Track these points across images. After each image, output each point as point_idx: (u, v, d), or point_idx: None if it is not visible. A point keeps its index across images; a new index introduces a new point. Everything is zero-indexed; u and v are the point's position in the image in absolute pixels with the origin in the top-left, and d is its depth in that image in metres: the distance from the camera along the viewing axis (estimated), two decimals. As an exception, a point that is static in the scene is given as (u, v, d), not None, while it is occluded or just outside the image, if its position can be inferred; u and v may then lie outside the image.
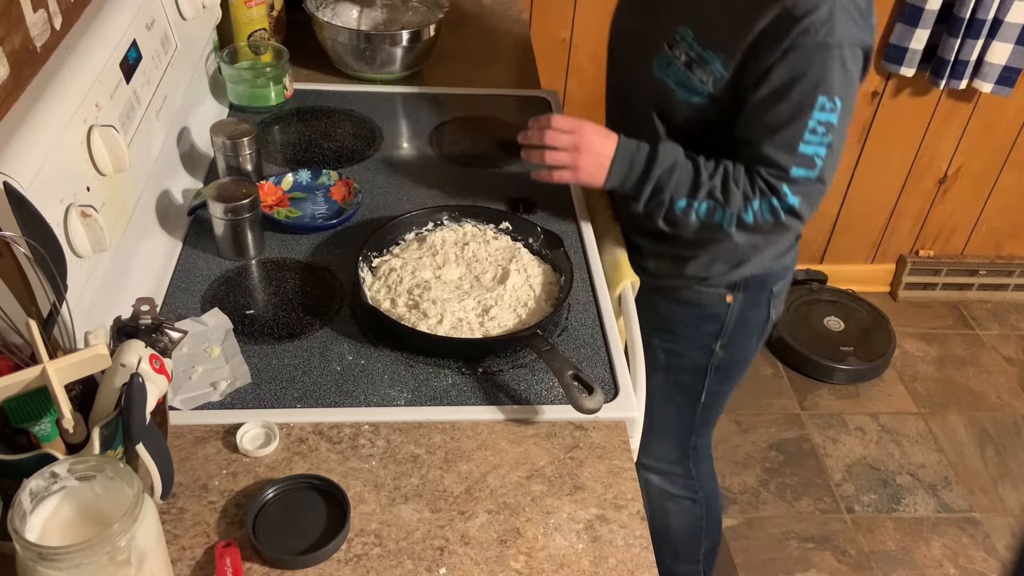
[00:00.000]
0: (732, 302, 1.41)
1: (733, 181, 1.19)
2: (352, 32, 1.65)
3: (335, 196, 1.38)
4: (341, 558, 0.89)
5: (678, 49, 1.22)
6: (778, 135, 1.16)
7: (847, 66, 1.13)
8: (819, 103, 1.13)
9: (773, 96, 1.14)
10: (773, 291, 1.44)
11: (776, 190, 1.18)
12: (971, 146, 2.65)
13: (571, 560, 0.91)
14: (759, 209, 1.19)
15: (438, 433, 1.03)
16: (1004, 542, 2.20)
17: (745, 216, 1.19)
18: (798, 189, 1.17)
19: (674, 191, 1.20)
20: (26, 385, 0.76)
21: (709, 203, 1.20)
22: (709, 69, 1.19)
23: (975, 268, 2.91)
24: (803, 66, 1.12)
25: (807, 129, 1.14)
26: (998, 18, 2.29)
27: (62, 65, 1.02)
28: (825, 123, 1.14)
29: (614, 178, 1.22)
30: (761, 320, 1.46)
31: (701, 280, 1.40)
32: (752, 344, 1.50)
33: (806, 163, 1.16)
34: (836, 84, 1.13)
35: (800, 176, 1.17)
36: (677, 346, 1.47)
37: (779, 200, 1.18)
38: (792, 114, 1.14)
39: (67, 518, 0.73)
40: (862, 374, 2.61)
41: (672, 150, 1.21)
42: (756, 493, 2.27)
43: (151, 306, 0.87)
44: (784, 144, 1.16)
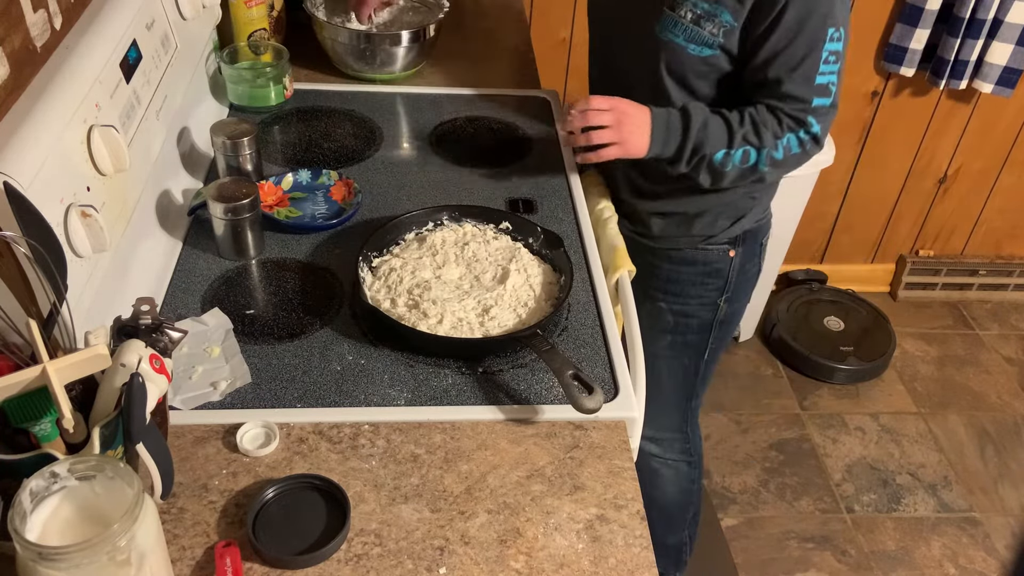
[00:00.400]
0: (734, 256, 1.49)
1: (761, 124, 1.27)
2: (352, 32, 1.65)
3: (335, 196, 1.38)
4: (341, 558, 0.89)
5: (682, 9, 1.26)
6: (797, 70, 1.24)
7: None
8: (829, 34, 1.22)
9: (788, 35, 1.22)
10: (763, 243, 1.54)
11: (802, 122, 1.27)
12: (971, 146, 2.65)
13: (571, 560, 0.91)
14: (788, 144, 1.28)
15: (438, 433, 1.03)
16: (1004, 542, 2.20)
17: (776, 153, 1.28)
18: (819, 118, 1.27)
19: (712, 145, 1.27)
20: (26, 385, 0.76)
21: (744, 148, 1.28)
22: (719, 21, 1.25)
23: (975, 268, 2.91)
24: (812, 3, 1.21)
25: (821, 60, 1.23)
26: (998, 18, 2.29)
27: (62, 65, 1.02)
28: (834, 52, 1.24)
29: (656, 145, 1.29)
30: (755, 272, 1.56)
31: (707, 238, 1.47)
32: (747, 296, 1.59)
33: (823, 92, 1.26)
34: (838, 13, 1.23)
35: (819, 105, 1.26)
36: (686, 306, 1.53)
37: (805, 131, 1.27)
38: (807, 49, 1.23)
39: (67, 518, 0.73)
40: (862, 374, 2.61)
41: (699, 108, 1.28)
42: (756, 493, 2.27)
43: (151, 306, 0.87)
44: (803, 78, 1.24)
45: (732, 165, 1.29)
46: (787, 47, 1.23)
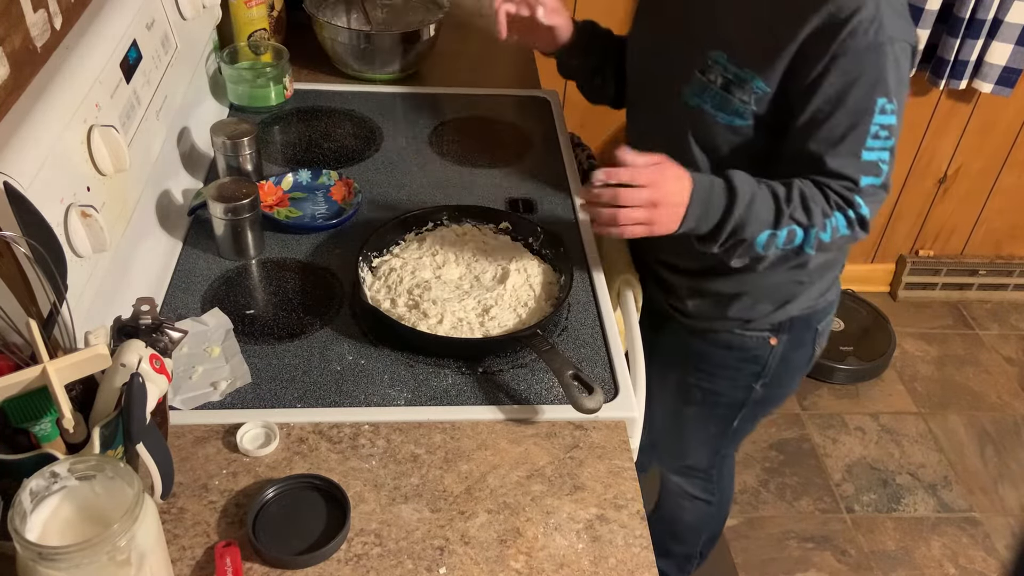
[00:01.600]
0: (776, 344, 1.35)
1: (811, 200, 1.10)
2: (352, 32, 1.65)
3: (335, 196, 1.38)
4: (341, 558, 0.89)
5: (712, 73, 1.16)
6: (841, 145, 1.09)
7: (900, 63, 1.08)
8: (878, 106, 1.07)
9: (829, 105, 1.08)
10: (818, 329, 1.38)
11: (850, 202, 1.11)
12: (971, 146, 2.65)
13: (571, 560, 0.91)
14: (836, 224, 1.11)
15: (438, 433, 1.03)
16: (1004, 542, 2.20)
17: (824, 234, 1.11)
18: (868, 199, 1.11)
19: (755, 226, 1.10)
20: (26, 385, 0.76)
21: (790, 228, 1.11)
22: (750, 87, 1.13)
23: (975, 268, 2.91)
24: (857, 69, 1.06)
25: (869, 135, 1.08)
26: (998, 18, 2.29)
27: (62, 65, 1.02)
28: (886, 126, 1.09)
29: (689, 223, 1.10)
30: (805, 359, 1.41)
31: (744, 323, 1.33)
32: (795, 381, 1.45)
33: (872, 170, 1.10)
34: (892, 84, 1.07)
35: (868, 184, 1.11)
36: (715, 385, 1.42)
37: (853, 211, 1.11)
38: (852, 121, 1.08)
39: (67, 518, 0.73)
40: (862, 374, 2.61)
41: (746, 181, 1.10)
42: (756, 493, 2.27)
43: (151, 306, 0.87)
44: (848, 153, 1.09)
45: (774, 248, 1.12)
46: (828, 118, 1.09)
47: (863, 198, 1.11)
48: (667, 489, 1.66)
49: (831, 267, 1.34)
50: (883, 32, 1.05)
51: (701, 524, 1.72)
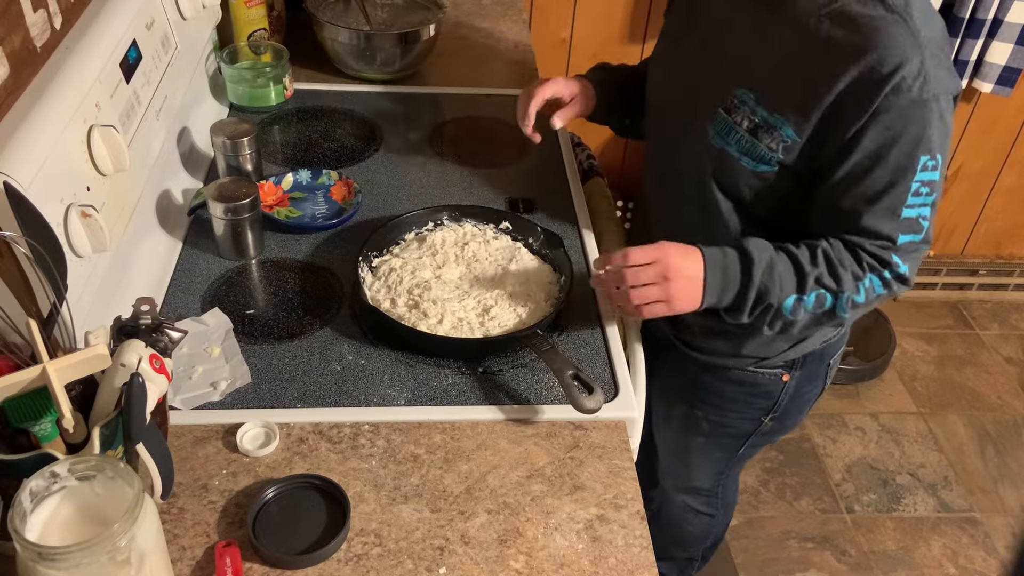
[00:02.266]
0: (789, 380, 1.32)
1: (839, 264, 1.05)
2: (352, 32, 1.65)
3: (335, 196, 1.38)
4: (341, 558, 0.89)
5: (738, 114, 1.10)
6: (879, 203, 1.04)
7: (944, 118, 1.02)
8: (920, 163, 1.01)
9: (868, 162, 1.02)
10: (831, 363, 1.35)
11: (887, 262, 1.06)
12: (971, 146, 2.65)
13: (571, 560, 0.91)
14: (870, 286, 1.06)
15: (438, 433, 1.03)
16: (1004, 542, 2.20)
17: (857, 297, 1.06)
18: (907, 256, 1.06)
19: (779, 292, 1.05)
20: (26, 385, 0.76)
21: (818, 293, 1.06)
22: (779, 135, 1.07)
23: (975, 268, 2.91)
24: (899, 126, 1.00)
25: (910, 192, 1.02)
26: (998, 18, 2.29)
27: (62, 65, 1.02)
28: (927, 183, 1.03)
29: (711, 296, 1.07)
30: (816, 392, 1.39)
31: (759, 360, 1.29)
32: (804, 413, 1.43)
33: (912, 228, 1.05)
34: (935, 139, 1.01)
35: (906, 242, 1.05)
36: (724, 419, 1.40)
37: (890, 271, 1.06)
38: (892, 179, 1.02)
39: (67, 518, 0.73)
40: (862, 374, 2.61)
41: (761, 247, 1.07)
42: (756, 493, 2.27)
43: (151, 306, 0.87)
44: (887, 211, 1.04)
45: (804, 312, 1.07)
46: (866, 175, 1.03)
47: (901, 256, 1.06)
48: (671, 502, 1.65)
49: None
50: (928, 88, 0.99)
51: (704, 534, 1.72)
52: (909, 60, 0.98)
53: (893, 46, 0.99)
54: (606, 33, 2.33)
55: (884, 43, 0.99)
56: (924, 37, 1.00)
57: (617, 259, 1.06)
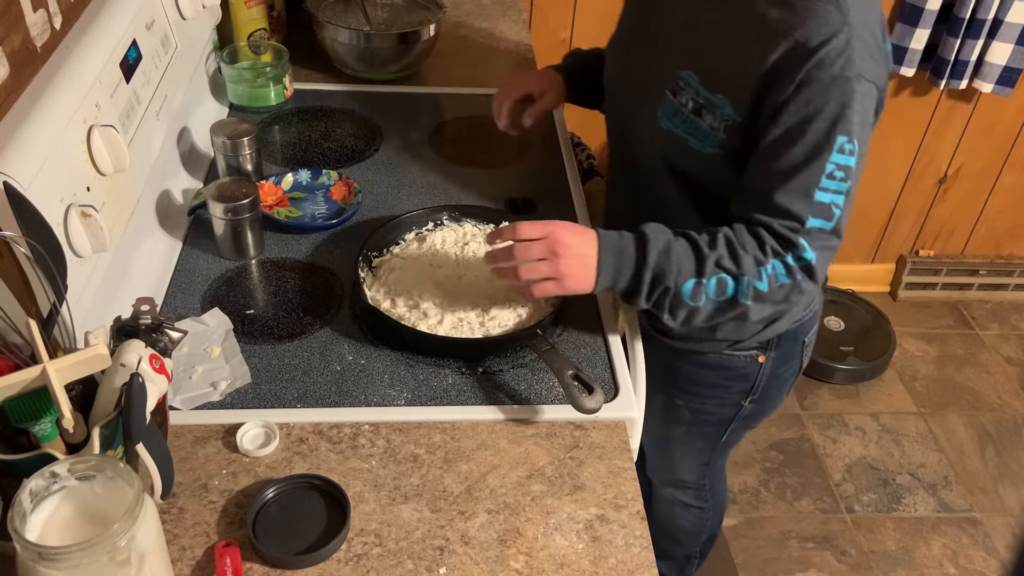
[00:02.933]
0: (764, 361, 1.32)
1: (740, 246, 1.04)
2: (352, 32, 1.65)
3: (335, 196, 1.38)
4: (341, 558, 0.89)
5: (684, 96, 1.11)
6: (792, 181, 1.02)
7: (865, 105, 1.02)
8: (837, 144, 1.00)
9: (786, 137, 1.02)
10: (805, 341, 1.35)
11: (792, 244, 1.03)
12: (971, 146, 2.65)
13: (571, 560, 0.91)
14: (773, 273, 1.03)
15: (438, 433, 1.03)
16: (1004, 542, 2.20)
17: (759, 283, 1.03)
18: (815, 243, 1.03)
19: (677, 274, 1.03)
20: (26, 385, 0.76)
21: (719, 277, 1.03)
22: (719, 113, 1.08)
23: (975, 268, 2.91)
24: (819, 101, 1.00)
25: (824, 173, 1.01)
26: (998, 18, 2.29)
27: (62, 65, 1.02)
28: (843, 167, 1.01)
29: (605, 277, 1.04)
30: (793, 372, 1.39)
31: (733, 343, 1.29)
32: (782, 394, 1.43)
33: (823, 213, 1.02)
34: (855, 122, 1.01)
35: (816, 227, 1.03)
36: (703, 405, 1.40)
37: (795, 256, 1.03)
38: (807, 156, 1.01)
39: (67, 518, 0.73)
40: (862, 374, 2.61)
41: (659, 230, 1.05)
42: (756, 493, 2.27)
43: (151, 306, 0.87)
44: (799, 191, 1.02)
45: (706, 298, 1.03)
46: (784, 151, 1.02)
47: (809, 241, 1.03)
48: (659, 497, 1.66)
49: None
50: (851, 67, 1.00)
51: (697, 528, 1.72)
52: (836, 35, 0.99)
53: (821, 22, 1.00)
54: (606, 33, 2.32)
55: (813, 19, 1.00)
56: (853, 17, 1.00)
57: (507, 233, 1.05)
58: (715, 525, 1.77)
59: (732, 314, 1.06)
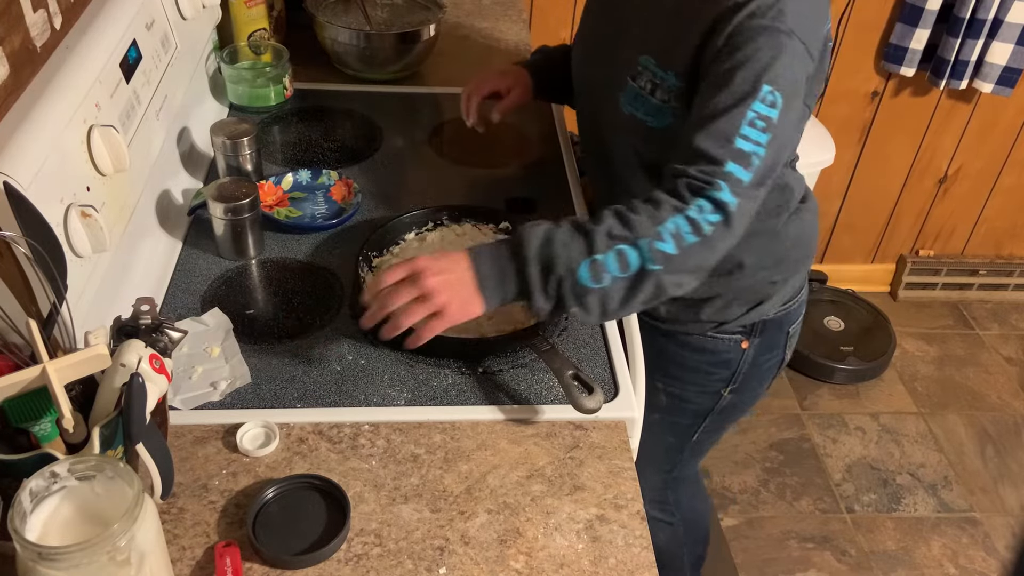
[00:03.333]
0: (748, 347, 1.32)
1: (631, 211, 0.98)
2: (352, 32, 1.65)
3: (335, 196, 1.38)
4: (341, 558, 0.89)
5: (642, 79, 1.12)
6: (714, 124, 0.99)
7: (795, 62, 1.01)
8: (761, 93, 0.98)
9: (714, 85, 1.01)
10: (789, 332, 1.35)
11: (708, 184, 0.98)
12: (971, 146, 2.65)
13: (571, 560, 0.91)
14: (677, 231, 0.97)
15: (438, 433, 1.03)
16: (1004, 542, 2.20)
17: (663, 245, 0.96)
18: (733, 187, 0.98)
19: (567, 259, 0.96)
20: (26, 385, 0.76)
21: (616, 249, 0.96)
22: (667, 86, 1.09)
23: (975, 268, 2.91)
24: (747, 51, 0.99)
25: (745, 120, 0.98)
26: (998, 18, 2.29)
27: (62, 65, 1.02)
28: (765, 117, 0.98)
29: (490, 290, 0.97)
30: (775, 363, 1.38)
31: (717, 325, 1.30)
32: (762, 388, 1.42)
33: (742, 159, 0.98)
34: (782, 74, 0.99)
35: (734, 172, 0.98)
36: (683, 391, 1.39)
37: (707, 196, 0.97)
38: (731, 102, 0.99)
39: (67, 518, 0.73)
40: (862, 374, 2.61)
41: (536, 225, 0.99)
42: (756, 493, 2.27)
43: (151, 306, 0.87)
44: (720, 134, 0.99)
45: (610, 277, 0.96)
46: (710, 98, 1.00)
47: (728, 184, 0.97)
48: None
49: (802, 262, 1.30)
50: (782, 20, 0.99)
51: (673, 548, 1.68)
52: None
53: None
54: (606, 33, 2.33)
55: None
56: None
57: (370, 288, 1.00)
58: (694, 548, 1.72)
59: (649, 288, 0.97)
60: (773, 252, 1.25)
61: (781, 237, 1.24)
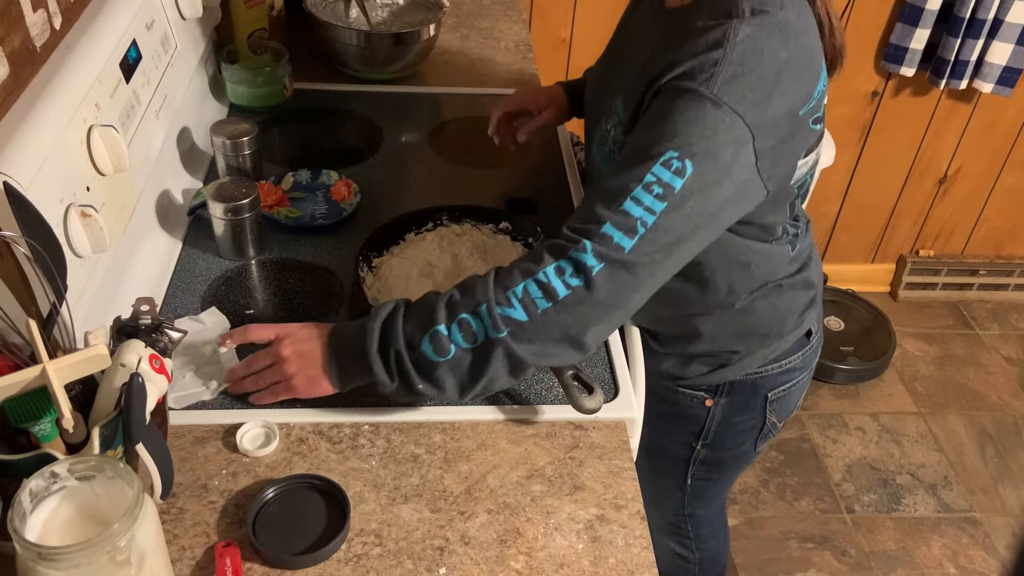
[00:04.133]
0: (713, 406, 1.24)
1: (473, 284, 0.93)
2: (352, 32, 1.65)
3: (335, 196, 1.38)
4: (341, 558, 0.89)
5: (610, 122, 1.05)
6: (610, 180, 0.91)
7: (718, 133, 0.88)
8: (664, 156, 0.88)
9: (627, 143, 0.94)
10: (769, 398, 1.24)
11: (574, 242, 0.89)
12: (971, 146, 2.65)
13: (571, 560, 0.91)
14: (526, 296, 0.90)
15: (438, 433, 1.03)
16: (1004, 542, 2.20)
17: (511, 311, 0.89)
18: (603, 251, 0.88)
19: (407, 335, 0.92)
20: (26, 385, 0.76)
21: (459, 319, 0.91)
22: (614, 135, 1.03)
23: (975, 268, 2.91)
24: (665, 110, 0.90)
25: (641, 183, 0.88)
26: (998, 18, 2.29)
27: (62, 65, 1.02)
28: (665, 184, 0.87)
29: (334, 369, 0.96)
30: (754, 426, 1.28)
31: (676, 379, 1.24)
32: (747, 445, 1.33)
33: (625, 225, 0.88)
34: (696, 144, 0.87)
35: (610, 235, 0.88)
36: (656, 438, 1.30)
37: (568, 260, 0.89)
38: (633, 162, 0.90)
39: (67, 518, 0.73)
40: (862, 374, 2.61)
41: (390, 304, 0.96)
42: (756, 493, 2.27)
43: (151, 306, 0.87)
44: (611, 192, 0.90)
45: (456, 348, 0.90)
46: (620, 156, 0.94)
47: (595, 246, 0.88)
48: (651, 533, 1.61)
49: (775, 337, 1.19)
50: (708, 86, 0.88)
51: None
52: (710, 52, 0.89)
53: (710, 39, 0.91)
54: (606, 33, 2.32)
55: (704, 37, 0.91)
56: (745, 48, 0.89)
57: (237, 335, 1.01)
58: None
59: (499, 359, 0.91)
60: (738, 325, 1.16)
61: (747, 312, 1.14)
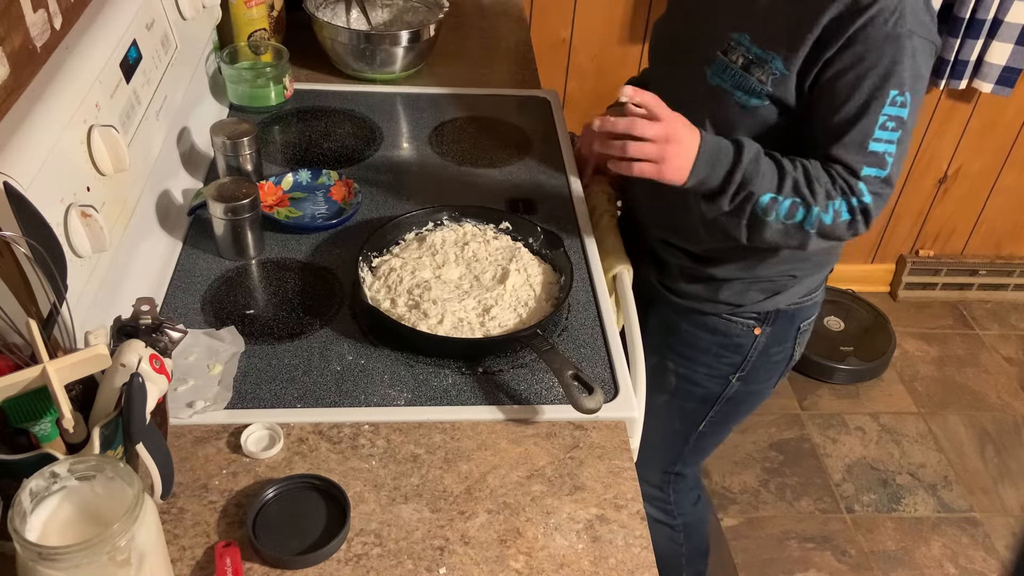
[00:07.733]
0: (760, 334, 1.36)
1: (815, 179, 1.12)
2: (352, 32, 1.65)
3: (335, 196, 1.38)
4: (341, 558, 0.89)
5: (734, 54, 1.18)
6: (847, 134, 1.11)
7: (917, 58, 1.09)
8: (890, 97, 1.08)
9: (840, 91, 1.10)
10: (800, 328, 1.39)
11: (852, 188, 1.12)
12: (971, 146, 2.65)
13: (571, 560, 0.91)
14: (839, 209, 1.12)
15: (438, 433, 1.03)
16: (1004, 542, 2.20)
17: (826, 216, 1.12)
18: (871, 188, 1.12)
19: (761, 184, 1.12)
20: (26, 385, 0.76)
21: (793, 200, 1.12)
22: (769, 68, 1.15)
23: (975, 268, 2.91)
24: (872, 58, 1.08)
25: (877, 125, 1.09)
26: (998, 18, 2.29)
27: (62, 65, 1.02)
28: (895, 118, 1.09)
29: (698, 173, 1.13)
30: (784, 357, 1.41)
31: (734, 307, 1.35)
32: (771, 381, 1.45)
33: (877, 162, 1.11)
34: (907, 77, 1.08)
35: (871, 175, 1.11)
36: (693, 372, 1.42)
37: (857, 199, 1.12)
38: (861, 109, 1.09)
39: (67, 518, 0.73)
40: (862, 374, 2.61)
41: (752, 143, 1.14)
42: (756, 493, 2.27)
43: (151, 306, 0.87)
44: (854, 142, 1.11)
45: (776, 216, 1.13)
46: (839, 105, 1.10)
47: (866, 186, 1.12)
48: None
49: (822, 266, 1.36)
50: (903, 23, 1.07)
51: (674, 557, 1.67)
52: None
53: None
54: (606, 33, 2.33)
55: None
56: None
57: (648, 98, 1.11)
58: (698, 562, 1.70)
59: (795, 240, 1.15)
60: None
61: None
